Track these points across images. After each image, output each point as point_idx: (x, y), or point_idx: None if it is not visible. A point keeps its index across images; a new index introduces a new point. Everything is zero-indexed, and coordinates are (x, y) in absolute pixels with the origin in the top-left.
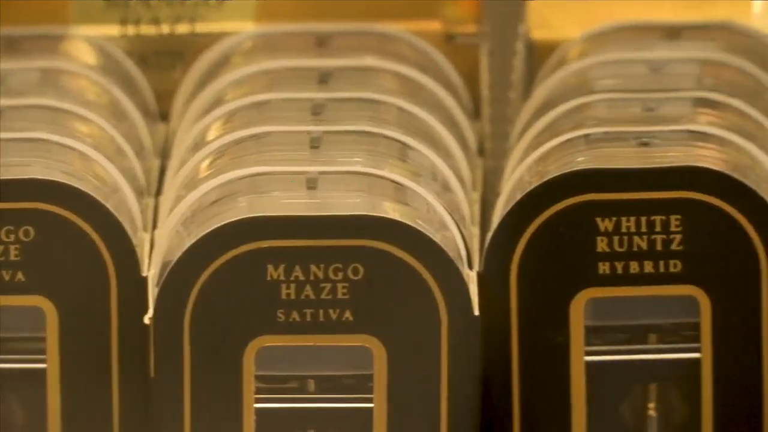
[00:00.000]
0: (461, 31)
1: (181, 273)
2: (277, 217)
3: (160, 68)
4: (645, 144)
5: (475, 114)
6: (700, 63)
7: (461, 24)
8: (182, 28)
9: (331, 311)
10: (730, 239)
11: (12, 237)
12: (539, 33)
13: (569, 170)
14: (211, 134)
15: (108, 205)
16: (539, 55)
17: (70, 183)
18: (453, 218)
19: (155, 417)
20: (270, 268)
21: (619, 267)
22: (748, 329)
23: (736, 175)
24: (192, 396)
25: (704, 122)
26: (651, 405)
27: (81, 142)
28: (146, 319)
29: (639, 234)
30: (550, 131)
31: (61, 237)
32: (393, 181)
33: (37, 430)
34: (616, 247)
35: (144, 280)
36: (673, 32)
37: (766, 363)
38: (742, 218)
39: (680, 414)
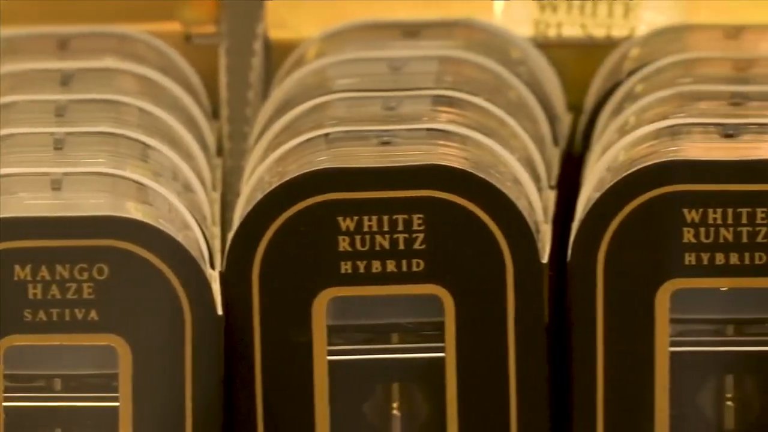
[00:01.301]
0: (200, 31)
1: None
2: (23, 218)
3: None
4: (386, 143)
5: (214, 114)
6: (440, 61)
7: (199, 25)
8: None
9: (77, 311)
10: (474, 237)
11: None
12: (277, 33)
13: (309, 170)
14: None
15: None
16: (278, 55)
17: None
18: (195, 218)
19: None
20: (17, 268)
21: (362, 266)
22: (493, 327)
23: (478, 173)
24: None
25: (445, 120)
26: (394, 404)
27: None
28: None
29: (381, 233)
30: (290, 131)
31: None
32: (135, 182)
33: None
34: (359, 247)
35: None
36: (412, 30)
37: (511, 361)
38: (486, 216)
39: (424, 413)
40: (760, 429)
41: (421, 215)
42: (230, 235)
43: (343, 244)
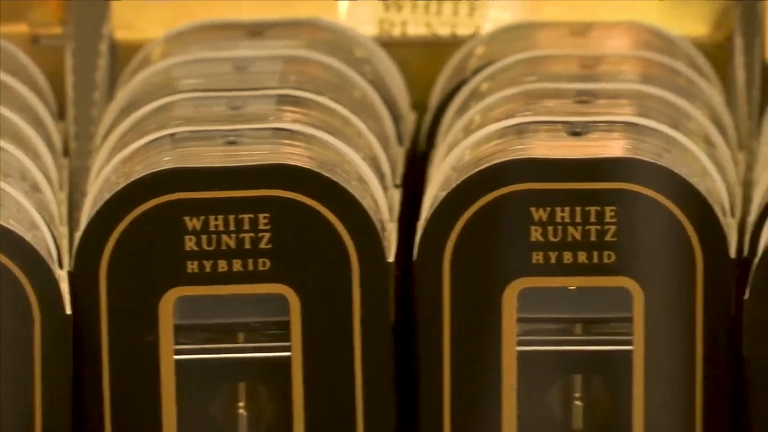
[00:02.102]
0: (46, 33)
1: None
2: None
3: None
4: (232, 143)
5: (60, 115)
6: (285, 60)
7: (46, 26)
8: None
9: None
10: (320, 236)
11: None
12: (123, 34)
13: (155, 170)
14: None
15: None
16: (123, 55)
17: None
18: (43, 218)
19: None
20: None
21: (208, 266)
22: (339, 327)
23: (323, 172)
24: None
25: (290, 119)
26: (241, 404)
27: None
28: None
29: (227, 233)
30: (136, 131)
31: None
32: None
33: None
34: (205, 246)
35: None
36: (257, 30)
37: (357, 361)
38: (331, 215)
39: (271, 413)
40: (609, 429)
41: (267, 214)
42: (78, 235)
43: (190, 243)
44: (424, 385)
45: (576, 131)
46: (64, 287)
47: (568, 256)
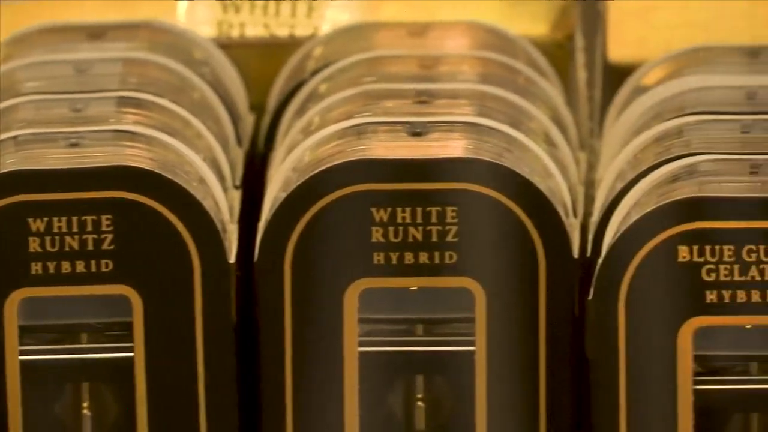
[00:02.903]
0: None
1: None
2: None
3: None
4: (74, 144)
5: None
6: (124, 62)
7: None
8: None
9: None
10: (162, 237)
11: None
12: None
13: None
14: None
15: None
16: None
17: None
18: None
19: None
20: None
21: (52, 267)
22: (181, 327)
23: (164, 173)
24: None
25: (131, 121)
26: (85, 404)
27: None
28: None
29: (71, 234)
30: None
31: None
32: None
33: None
34: (48, 248)
35: None
36: (97, 32)
37: (200, 361)
38: (172, 216)
39: (115, 413)
40: (451, 429)
41: (109, 216)
42: None
43: (34, 245)
44: (266, 385)
45: (416, 131)
46: None
47: (409, 257)
